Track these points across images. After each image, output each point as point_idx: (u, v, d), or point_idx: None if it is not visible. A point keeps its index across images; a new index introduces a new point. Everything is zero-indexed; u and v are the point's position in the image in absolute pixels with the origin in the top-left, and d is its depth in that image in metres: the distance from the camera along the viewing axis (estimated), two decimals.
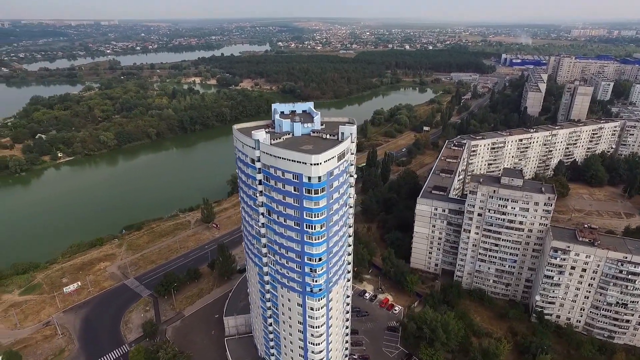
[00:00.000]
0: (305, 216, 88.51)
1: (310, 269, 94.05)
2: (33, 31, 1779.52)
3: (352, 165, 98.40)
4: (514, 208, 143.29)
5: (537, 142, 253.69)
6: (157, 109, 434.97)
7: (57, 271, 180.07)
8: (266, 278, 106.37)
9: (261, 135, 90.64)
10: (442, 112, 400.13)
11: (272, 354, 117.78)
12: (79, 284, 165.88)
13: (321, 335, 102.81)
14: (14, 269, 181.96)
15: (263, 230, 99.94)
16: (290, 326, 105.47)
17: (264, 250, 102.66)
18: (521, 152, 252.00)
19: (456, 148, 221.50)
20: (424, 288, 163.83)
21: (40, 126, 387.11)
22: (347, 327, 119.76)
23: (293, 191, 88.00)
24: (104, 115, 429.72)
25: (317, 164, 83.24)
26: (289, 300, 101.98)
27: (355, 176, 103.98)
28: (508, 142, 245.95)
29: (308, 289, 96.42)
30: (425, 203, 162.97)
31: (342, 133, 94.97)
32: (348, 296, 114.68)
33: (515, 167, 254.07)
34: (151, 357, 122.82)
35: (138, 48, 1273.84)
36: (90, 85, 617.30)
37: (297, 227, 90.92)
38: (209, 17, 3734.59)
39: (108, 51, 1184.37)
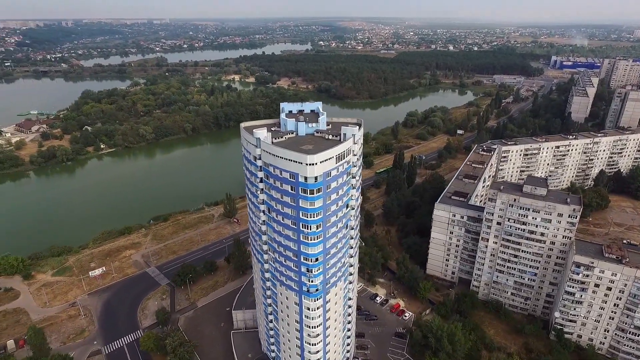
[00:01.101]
0: (301, 216, 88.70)
1: (307, 268, 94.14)
2: (92, 30, 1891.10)
3: (354, 166, 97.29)
4: (535, 218, 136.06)
5: (576, 149, 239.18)
6: (195, 104, 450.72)
7: (87, 256, 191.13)
8: (267, 275, 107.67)
9: (262, 133, 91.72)
10: (479, 116, 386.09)
11: (273, 350, 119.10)
12: (104, 269, 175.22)
13: (318, 335, 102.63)
14: (50, 251, 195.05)
15: (264, 228, 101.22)
16: (288, 324, 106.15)
17: (265, 247, 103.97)
18: (558, 159, 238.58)
19: (484, 153, 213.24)
20: (438, 296, 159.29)
21: (88, 119, 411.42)
22: (349, 330, 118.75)
23: (290, 190, 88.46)
24: (145, 110, 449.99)
25: (313, 164, 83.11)
26: (287, 298, 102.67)
27: (359, 178, 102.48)
28: (543, 148, 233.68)
29: (304, 288, 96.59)
30: (443, 208, 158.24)
31: (344, 134, 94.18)
32: (350, 298, 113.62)
33: (550, 176, 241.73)
34: (160, 344, 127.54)
35: (185, 46, 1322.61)
36: (137, 81, 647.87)
37: (294, 227, 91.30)
38: (254, 17, 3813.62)
39: (157, 49, 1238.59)
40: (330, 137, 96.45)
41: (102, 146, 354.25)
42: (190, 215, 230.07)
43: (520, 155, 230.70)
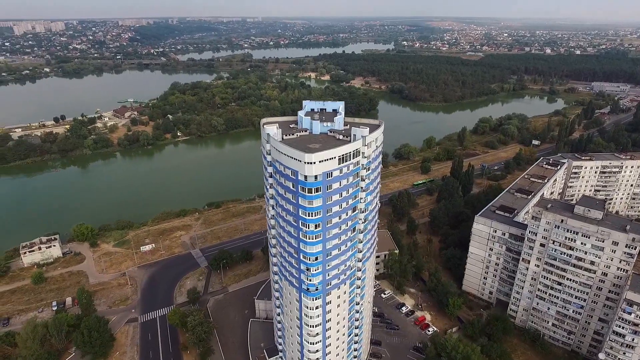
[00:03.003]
0: (300, 214, 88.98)
1: (306, 267, 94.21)
2: (193, 27, 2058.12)
3: (364, 169, 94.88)
4: (585, 244, 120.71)
5: None
6: (266, 99, 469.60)
7: (144, 232, 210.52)
8: (275, 269, 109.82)
9: (272, 129, 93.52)
10: (562, 126, 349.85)
11: (280, 343, 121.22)
12: (153, 245, 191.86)
13: (317, 335, 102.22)
14: (116, 224, 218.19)
15: (272, 222, 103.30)
16: (291, 319, 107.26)
17: (273, 241, 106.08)
18: None
19: (548, 167, 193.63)
20: (471, 315, 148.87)
21: (172, 108, 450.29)
22: (356, 335, 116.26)
23: (291, 187, 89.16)
24: (222, 103, 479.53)
25: (311, 163, 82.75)
26: (290, 294, 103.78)
27: (372, 181, 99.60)
28: (626, 166, 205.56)
29: (304, 286, 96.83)
30: (484, 222, 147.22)
31: (354, 135, 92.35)
32: (357, 303, 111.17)
33: (635, 198, 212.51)
34: (183, 321, 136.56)
35: (271, 43, 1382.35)
36: (221, 75, 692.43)
37: (295, 224, 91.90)
38: (342, 15, 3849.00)
39: (246, 45, 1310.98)
40: (341, 137, 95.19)
41: (178, 134, 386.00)
42: (241, 204, 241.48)
43: (595, 172, 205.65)
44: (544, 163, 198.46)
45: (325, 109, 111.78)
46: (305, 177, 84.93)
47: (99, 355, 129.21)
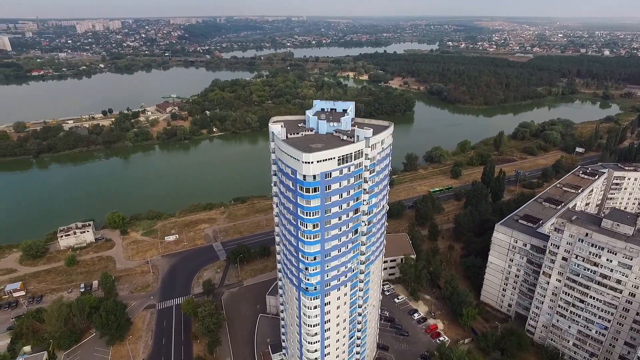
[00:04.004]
0: (299, 213, 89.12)
1: (305, 267, 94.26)
2: (239, 25, 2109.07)
3: (368, 171, 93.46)
4: (611, 261, 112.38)
5: None
6: (301, 98, 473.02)
7: (171, 223, 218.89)
8: (279, 266, 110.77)
9: (276, 128, 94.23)
10: (611, 133, 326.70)
11: (284, 340, 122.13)
12: (177, 236, 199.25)
13: (315, 335, 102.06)
14: (147, 215, 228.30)
15: (276, 220, 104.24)
16: (291, 318, 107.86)
17: (277, 239, 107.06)
18: None
19: (585, 176, 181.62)
20: (486, 327, 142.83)
21: (210, 105, 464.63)
22: (359, 338, 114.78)
23: (291, 186, 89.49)
24: (259, 100, 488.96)
25: (309, 163, 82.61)
26: (290, 292, 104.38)
27: (377, 183, 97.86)
28: None
29: (302, 285, 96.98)
30: (504, 232, 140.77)
31: (357, 136, 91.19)
32: (360, 306, 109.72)
33: None
34: (195, 311, 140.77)
35: (313, 42, 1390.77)
36: (261, 73, 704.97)
37: (294, 222, 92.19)
38: (387, 15, 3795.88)
39: (288, 44, 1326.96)
40: (346, 137, 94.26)
41: (214, 129, 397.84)
42: (266, 200, 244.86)
43: None
44: (581, 172, 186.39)
45: (335, 109, 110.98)
46: (304, 176, 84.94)
47: (116, 337, 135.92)
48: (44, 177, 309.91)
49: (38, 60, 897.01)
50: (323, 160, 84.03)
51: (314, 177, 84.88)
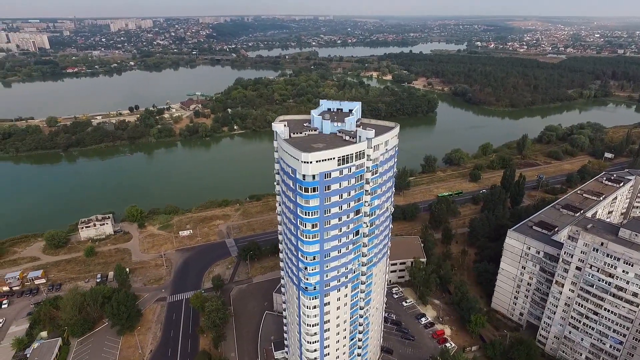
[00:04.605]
0: (298, 212, 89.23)
1: (304, 266, 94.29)
2: (266, 24, 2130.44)
3: (369, 172, 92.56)
4: (627, 272, 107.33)
5: None
6: (322, 97, 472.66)
7: (187, 218, 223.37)
8: (281, 264, 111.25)
9: (279, 127, 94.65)
10: None
11: (286, 338, 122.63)
12: (191, 231, 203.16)
13: (314, 334, 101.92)
14: (165, 209, 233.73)
15: (279, 218, 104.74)
16: (292, 316, 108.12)
17: (280, 237, 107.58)
18: None
19: (609, 183, 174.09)
20: (495, 335, 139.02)
21: (233, 103, 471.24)
22: (360, 340, 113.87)
23: (291, 185, 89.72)
24: (280, 99, 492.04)
25: (307, 162, 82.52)
26: (291, 291, 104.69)
27: (375, 184, 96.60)
28: None
29: (302, 285, 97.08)
30: (517, 238, 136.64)
31: (359, 136, 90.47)
32: (361, 308, 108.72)
33: None
34: (203, 305, 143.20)
35: (339, 41, 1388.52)
36: (285, 72, 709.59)
37: (294, 222, 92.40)
38: (414, 14, 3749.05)
39: (314, 43, 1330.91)
40: (348, 138, 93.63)
41: (235, 127, 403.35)
42: None
43: None
44: (604, 178, 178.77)
45: (341, 109, 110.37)
46: (303, 176, 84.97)
47: (126, 327, 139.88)
48: (72, 170, 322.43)
49: (73, 57, 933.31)
50: (322, 161, 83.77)
51: (313, 176, 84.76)
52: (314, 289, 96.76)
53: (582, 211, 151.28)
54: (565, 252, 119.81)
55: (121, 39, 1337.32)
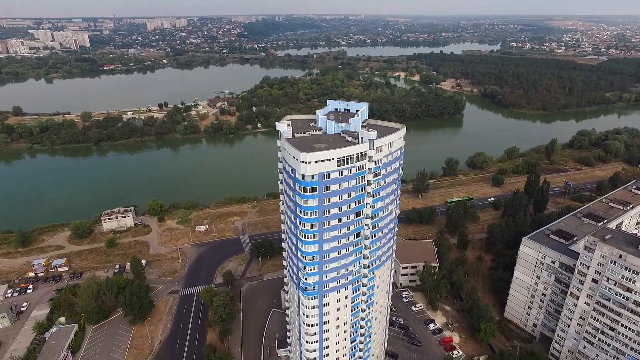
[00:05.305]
0: (298, 212, 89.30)
1: (303, 266, 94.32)
2: (297, 24, 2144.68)
3: (371, 173, 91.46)
4: None
5: None
6: (347, 97, 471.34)
7: (205, 213, 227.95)
8: (284, 263, 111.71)
9: (283, 127, 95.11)
10: None
11: (289, 337, 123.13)
12: (207, 226, 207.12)
13: (314, 334, 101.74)
14: (185, 204, 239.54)
15: (282, 217, 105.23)
16: (294, 315, 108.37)
17: (283, 236, 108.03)
18: None
19: (638, 192, 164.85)
20: (506, 345, 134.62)
21: (258, 101, 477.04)
22: (361, 343, 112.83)
23: (291, 185, 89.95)
24: (305, 98, 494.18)
25: (306, 162, 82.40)
26: (292, 290, 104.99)
27: (378, 186, 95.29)
28: None
29: (301, 285, 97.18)
30: (532, 246, 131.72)
31: (361, 137, 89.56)
32: (363, 310, 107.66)
33: None
34: (212, 300, 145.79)
35: (368, 41, 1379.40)
36: (311, 72, 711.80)
37: (294, 221, 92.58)
38: (447, 14, 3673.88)
39: (343, 43, 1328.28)
40: (351, 139, 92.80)
41: (258, 125, 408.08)
42: None
43: None
44: (634, 187, 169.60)
45: (349, 110, 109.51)
46: (302, 176, 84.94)
47: (138, 317, 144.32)
48: (101, 163, 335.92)
49: (110, 55, 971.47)
50: (321, 161, 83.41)
51: (312, 177, 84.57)
52: (313, 289, 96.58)
53: (605, 221, 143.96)
54: (581, 263, 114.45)
55: (156, 37, 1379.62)
